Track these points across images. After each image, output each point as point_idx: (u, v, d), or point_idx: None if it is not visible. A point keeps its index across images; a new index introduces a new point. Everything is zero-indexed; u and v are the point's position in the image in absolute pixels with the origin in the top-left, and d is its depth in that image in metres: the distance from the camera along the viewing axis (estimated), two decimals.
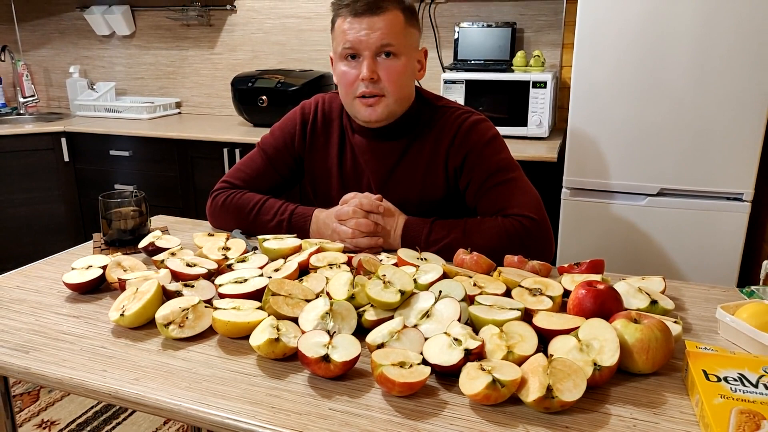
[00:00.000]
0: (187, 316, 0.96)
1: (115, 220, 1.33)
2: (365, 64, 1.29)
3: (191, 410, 0.79)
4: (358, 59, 1.31)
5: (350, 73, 1.32)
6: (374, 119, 1.34)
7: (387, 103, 1.32)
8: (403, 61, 1.32)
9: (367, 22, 1.28)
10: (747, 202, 2.05)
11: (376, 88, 1.31)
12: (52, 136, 3.07)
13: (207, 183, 2.84)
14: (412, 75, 1.36)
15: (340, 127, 1.46)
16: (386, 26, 1.28)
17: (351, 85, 1.32)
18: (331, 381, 0.84)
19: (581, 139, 2.19)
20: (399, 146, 1.40)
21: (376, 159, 1.41)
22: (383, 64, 1.30)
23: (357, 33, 1.28)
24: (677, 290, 1.12)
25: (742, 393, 0.72)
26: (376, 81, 1.30)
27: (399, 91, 1.33)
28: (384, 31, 1.28)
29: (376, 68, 1.30)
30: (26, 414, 2.26)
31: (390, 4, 1.29)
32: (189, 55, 3.46)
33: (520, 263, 1.15)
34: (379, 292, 0.95)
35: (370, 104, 1.32)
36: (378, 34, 1.28)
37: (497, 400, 0.77)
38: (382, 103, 1.32)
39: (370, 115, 1.33)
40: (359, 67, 1.30)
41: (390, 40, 1.29)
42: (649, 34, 2.03)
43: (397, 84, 1.32)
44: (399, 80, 1.32)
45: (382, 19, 1.28)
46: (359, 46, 1.29)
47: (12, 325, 1.01)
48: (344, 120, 1.45)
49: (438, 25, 2.90)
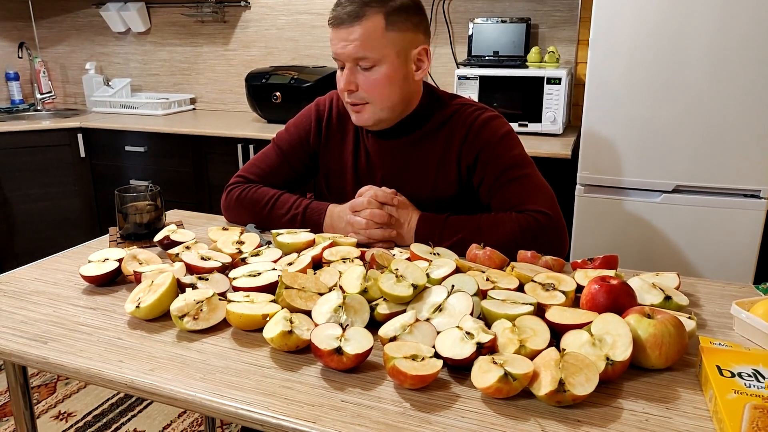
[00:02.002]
0: (202, 309, 0.97)
1: (131, 214, 1.35)
2: (344, 76, 1.31)
3: (205, 401, 0.80)
4: (344, 68, 1.32)
5: (340, 81, 1.34)
6: (362, 124, 1.37)
7: (372, 110, 1.33)
8: (384, 69, 1.29)
9: (344, 32, 1.27)
10: (764, 199, 2.03)
11: (356, 97, 1.33)
12: (69, 131, 3.11)
13: (221, 179, 2.86)
14: (401, 80, 1.32)
15: (355, 126, 1.46)
16: (361, 37, 1.26)
17: (342, 92, 1.35)
18: (344, 373, 0.85)
19: (595, 135, 2.18)
20: (409, 144, 1.40)
21: (388, 157, 1.42)
22: (361, 76, 1.30)
23: (336, 44, 1.29)
24: (692, 286, 1.12)
25: (756, 389, 0.72)
26: (355, 91, 1.31)
27: (382, 99, 1.32)
28: (358, 44, 1.26)
29: (354, 79, 1.30)
30: (44, 406, 2.29)
31: (370, 9, 1.26)
32: (203, 51, 3.49)
33: (533, 258, 1.15)
34: (392, 285, 0.95)
35: (356, 111, 1.35)
36: (352, 47, 1.27)
37: (509, 393, 0.77)
38: (367, 110, 1.33)
39: (357, 120, 1.37)
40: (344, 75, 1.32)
41: (365, 53, 1.27)
42: (664, 30, 2.01)
43: (378, 93, 1.31)
44: (378, 89, 1.31)
45: (358, 29, 1.26)
46: (341, 56, 1.30)
47: (31, 316, 1.02)
48: None
49: (452, 21, 2.89)
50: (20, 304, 1.07)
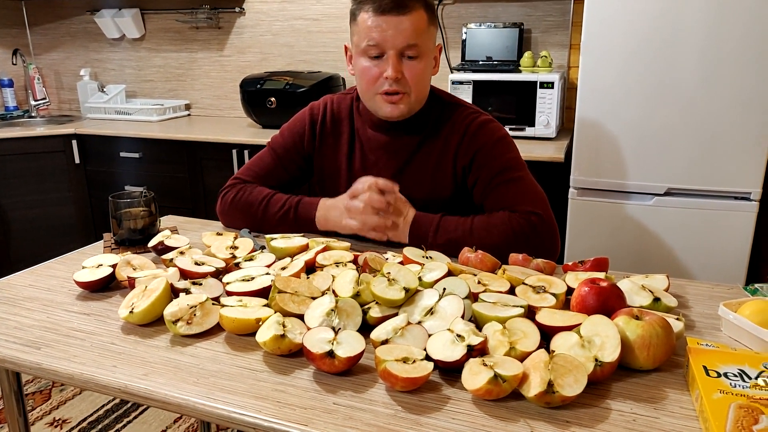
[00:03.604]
0: (195, 313, 0.98)
1: (125, 219, 1.35)
2: (391, 64, 1.30)
3: (198, 404, 0.80)
4: (382, 58, 1.31)
5: (373, 70, 1.32)
6: (396, 115, 1.36)
7: (409, 101, 1.35)
8: (425, 61, 1.33)
9: (393, 21, 1.28)
10: (755, 201, 2.05)
11: (400, 86, 1.32)
12: (63, 138, 3.11)
13: (216, 184, 2.87)
14: (430, 73, 1.39)
15: (350, 126, 1.48)
16: (411, 26, 1.28)
17: (374, 82, 1.33)
18: (336, 376, 0.85)
19: (588, 139, 2.19)
20: (412, 143, 1.42)
21: (388, 155, 1.43)
22: (407, 65, 1.31)
23: (383, 32, 1.28)
24: (681, 288, 1.13)
25: (741, 388, 0.73)
26: (401, 80, 1.32)
27: (420, 90, 1.36)
28: (410, 32, 1.28)
29: (401, 67, 1.31)
30: (38, 412, 2.29)
31: (415, 2, 1.29)
32: (198, 57, 3.49)
33: (524, 261, 1.16)
34: (384, 289, 0.96)
35: (393, 101, 1.34)
36: (404, 35, 1.28)
37: (499, 395, 0.78)
38: (405, 100, 1.34)
39: (392, 112, 1.35)
40: (383, 66, 1.31)
41: (416, 41, 1.29)
42: (655, 34, 2.03)
43: (420, 84, 1.34)
44: (421, 80, 1.34)
45: (408, 19, 1.28)
46: (385, 45, 1.29)
47: (24, 322, 1.03)
48: (355, 118, 1.47)
49: (446, 26, 2.91)
50: (14, 310, 1.07)
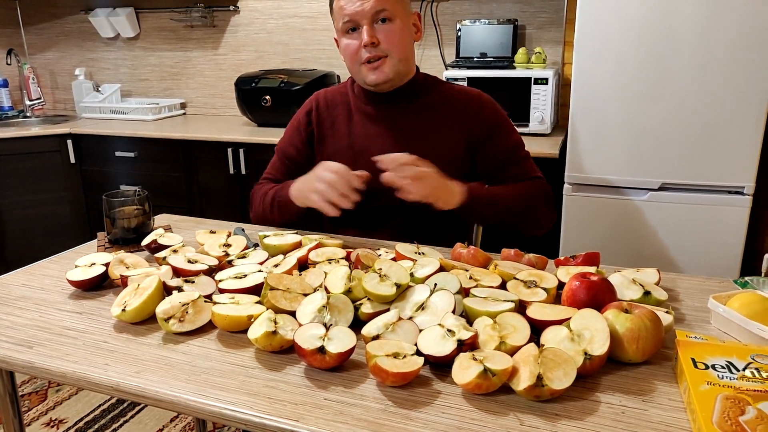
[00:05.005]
0: (187, 311, 0.98)
1: (118, 218, 1.36)
2: (365, 30, 1.37)
3: (190, 401, 0.81)
4: (358, 30, 1.39)
5: (353, 44, 1.40)
6: (382, 80, 1.40)
7: (392, 63, 1.39)
8: (399, 23, 1.39)
9: None
10: (748, 195, 2.05)
11: (378, 51, 1.38)
12: (59, 138, 3.10)
13: (212, 183, 2.87)
14: (410, 36, 1.44)
15: (346, 108, 1.52)
16: None
17: (356, 54, 1.40)
18: (327, 372, 0.86)
19: (583, 135, 2.20)
20: (410, 111, 1.46)
21: (388, 126, 1.46)
22: (381, 29, 1.38)
23: (353, 6, 1.37)
24: (673, 281, 1.13)
25: (728, 380, 0.73)
26: (377, 45, 1.37)
27: (400, 51, 1.40)
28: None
29: (374, 33, 1.37)
30: (34, 413, 2.29)
31: None
32: (193, 56, 3.49)
33: (516, 256, 1.16)
34: (375, 285, 0.97)
35: (375, 67, 1.39)
36: (372, 2, 1.36)
37: (489, 389, 0.78)
38: (387, 63, 1.39)
39: (377, 77, 1.40)
40: (360, 36, 1.38)
41: (384, 5, 1.36)
42: (649, 30, 2.03)
43: (398, 44, 1.39)
44: (399, 41, 1.39)
45: None
46: (357, 17, 1.37)
47: (17, 321, 1.03)
48: (351, 98, 1.52)
49: (440, 23, 2.91)
50: (6, 309, 1.07)
